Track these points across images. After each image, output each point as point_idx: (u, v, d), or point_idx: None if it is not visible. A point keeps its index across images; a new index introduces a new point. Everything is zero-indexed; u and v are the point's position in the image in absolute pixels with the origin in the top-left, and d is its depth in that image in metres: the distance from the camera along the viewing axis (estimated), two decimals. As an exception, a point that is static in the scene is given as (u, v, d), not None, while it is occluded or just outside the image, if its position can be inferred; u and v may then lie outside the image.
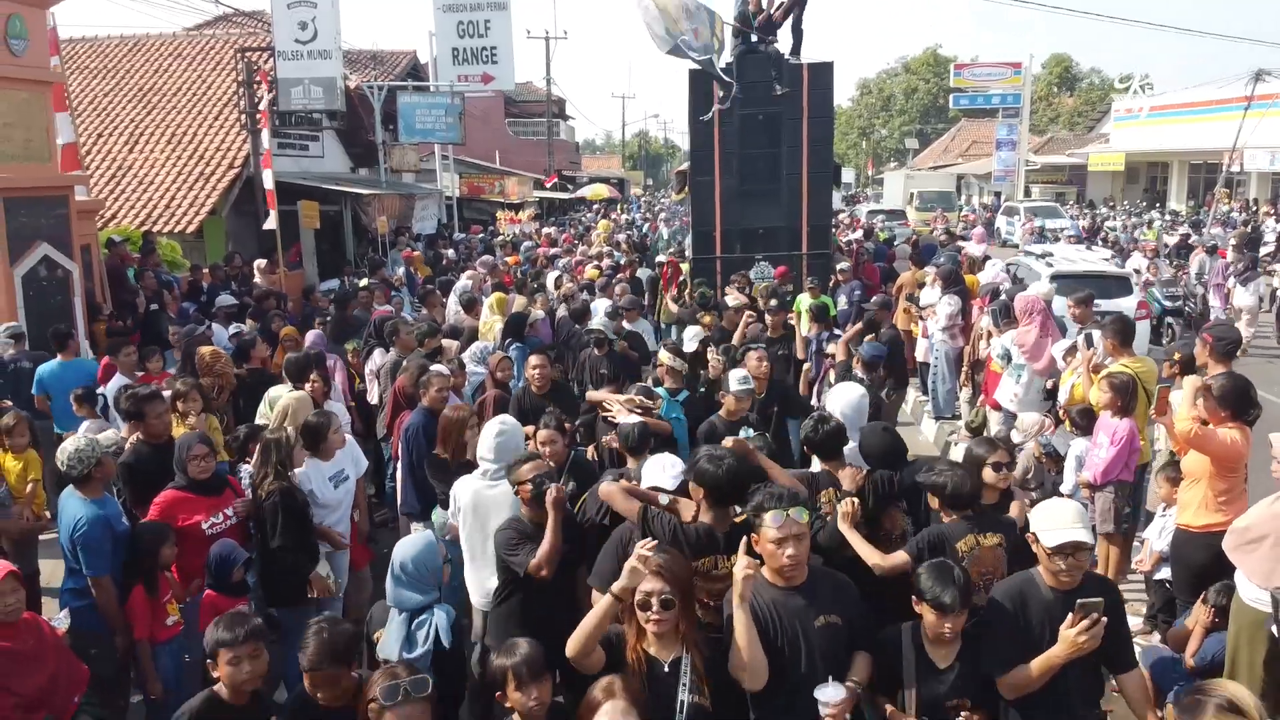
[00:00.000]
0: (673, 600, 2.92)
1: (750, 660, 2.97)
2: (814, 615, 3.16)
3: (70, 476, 4.48)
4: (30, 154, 9.64)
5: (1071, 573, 3.18)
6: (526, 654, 2.91)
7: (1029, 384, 7.13)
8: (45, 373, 7.66)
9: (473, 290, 10.90)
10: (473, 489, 4.51)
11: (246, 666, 3.10)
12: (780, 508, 3.11)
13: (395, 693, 2.73)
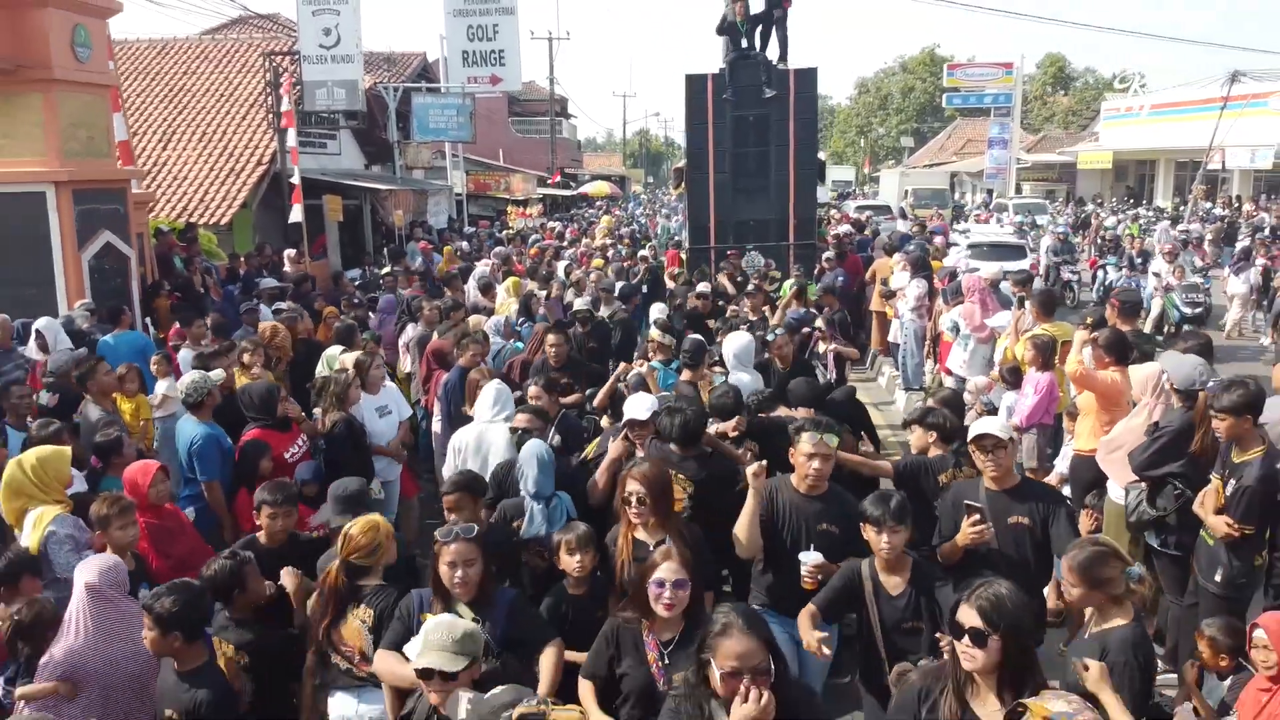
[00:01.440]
0: (645, 499, 3.86)
1: (748, 534, 3.90)
2: (819, 521, 3.96)
3: (188, 404, 5.61)
4: (93, 151, 10.75)
5: (996, 467, 3.99)
6: (579, 531, 3.96)
7: (974, 351, 8.25)
8: (102, 344, 8.76)
9: (489, 276, 12.02)
10: (476, 431, 5.48)
11: (280, 521, 4.23)
12: (816, 431, 4.02)
13: (449, 534, 3.70)
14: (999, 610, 2.62)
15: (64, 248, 10.20)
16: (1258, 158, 33.03)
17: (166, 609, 3.28)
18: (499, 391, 5.62)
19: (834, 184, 65.26)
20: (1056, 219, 30.56)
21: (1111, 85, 65.73)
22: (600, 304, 10.12)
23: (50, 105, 10.14)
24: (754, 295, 9.71)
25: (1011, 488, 4.04)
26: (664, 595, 3.16)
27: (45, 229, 10.13)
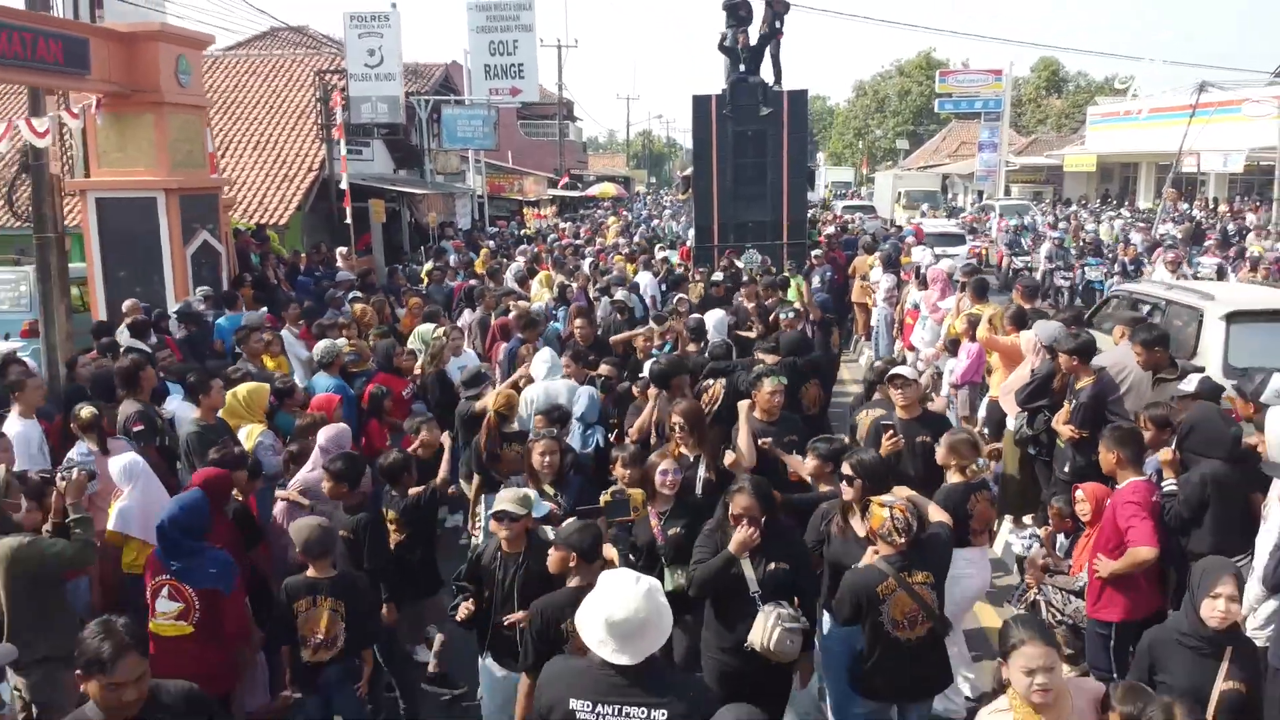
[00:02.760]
0: (685, 426, 5.56)
1: (747, 447, 5.62)
2: (781, 437, 5.65)
3: (322, 363, 7.54)
4: (192, 162, 12.69)
5: (905, 399, 5.75)
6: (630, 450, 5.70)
7: (931, 329, 10.19)
8: (219, 324, 10.67)
9: (523, 270, 13.98)
10: (541, 386, 7.30)
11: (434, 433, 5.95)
12: (774, 376, 5.85)
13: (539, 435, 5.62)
14: (863, 466, 4.51)
15: (171, 245, 12.12)
16: (1230, 162, 34.83)
17: (338, 469, 5.16)
18: (551, 357, 7.55)
19: (833, 184, 67.26)
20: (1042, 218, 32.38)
21: (1104, 89, 67.76)
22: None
23: (160, 123, 12.05)
24: (749, 286, 11.61)
25: (916, 417, 5.86)
26: (666, 479, 5.02)
27: (156, 229, 12.05)
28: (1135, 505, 4.64)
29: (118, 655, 2.83)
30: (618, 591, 3.02)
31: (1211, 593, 3.53)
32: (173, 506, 4.22)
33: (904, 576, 4.00)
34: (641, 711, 2.96)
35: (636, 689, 2.98)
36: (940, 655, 4.24)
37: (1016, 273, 18.94)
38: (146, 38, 11.94)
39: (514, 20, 23.54)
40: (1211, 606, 3.52)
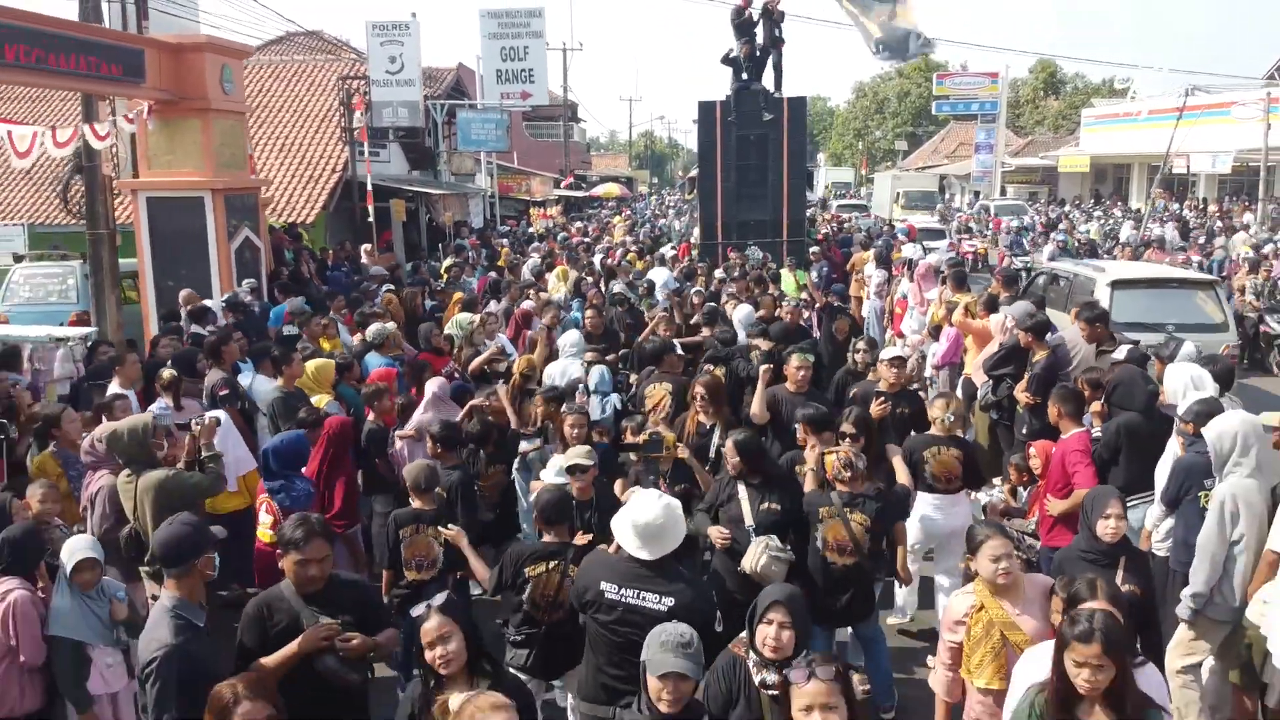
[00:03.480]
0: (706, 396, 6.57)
1: (759, 408, 6.58)
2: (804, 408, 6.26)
3: (374, 345, 8.52)
4: (235, 164, 13.66)
5: (895, 376, 6.70)
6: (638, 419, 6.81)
7: (918, 319, 11.16)
8: (273, 313, 11.65)
9: (540, 266, 14.97)
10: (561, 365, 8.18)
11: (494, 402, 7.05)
12: (802, 352, 6.87)
13: (569, 410, 6.62)
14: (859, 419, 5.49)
15: (217, 241, 13.08)
16: (1218, 163, 35.82)
17: (436, 433, 6.13)
18: (578, 339, 8.53)
19: (834, 185, 68.15)
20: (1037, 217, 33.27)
21: (1100, 90, 68.73)
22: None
23: (206, 128, 13.01)
24: (739, 280, 12.59)
25: (899, 390, 6.85)
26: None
27: (203, 226, 13.01)
28: (1079, 453, 5.61)
29: (308, 538, 3.67)
30: (644, 504, 3.98)
31: (1103, 514, 4.31)
32: (276, 442, 5.22)
33: (845, 511, 4.92)
34: (654, 597, 3.85)
35: (653, 579, 3.88)
36: (865, 590, 5.09)
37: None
38: (194, 49, 12.91)
39: (525, 27, 24.53)
40: (1104, 525, 4.29)
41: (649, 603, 3.83)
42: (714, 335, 8.75)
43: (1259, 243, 22.52)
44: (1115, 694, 2.92)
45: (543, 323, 9.75)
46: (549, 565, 4.43)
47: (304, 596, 3.70)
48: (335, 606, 3.71)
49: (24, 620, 4.08)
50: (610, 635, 3.93)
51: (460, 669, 3.24)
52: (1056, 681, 3.00)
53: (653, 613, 3.78)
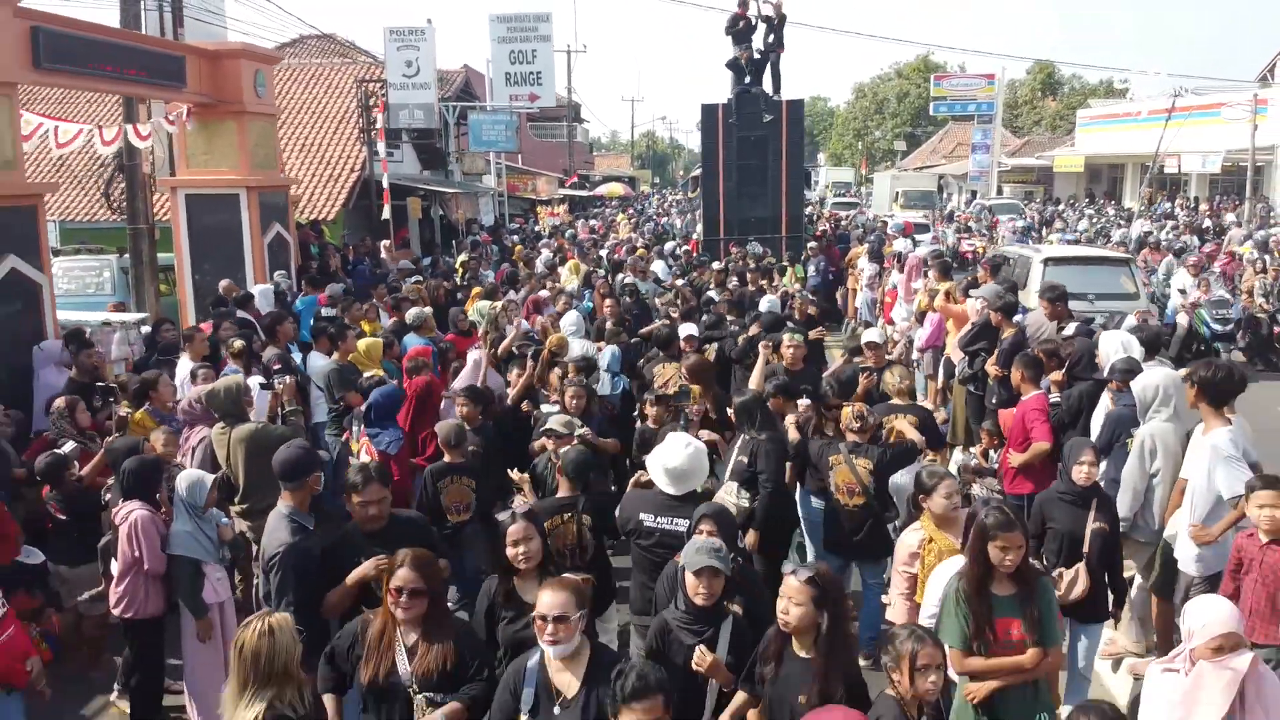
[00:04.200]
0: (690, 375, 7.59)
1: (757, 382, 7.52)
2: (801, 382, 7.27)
3: (413, 326, 9.41)
4: (267, 163, 14.55)
5: (875, 358, 7.80)
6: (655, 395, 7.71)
7: (907, 307, 12.05)
8: (299, 303, 12.53)
9: (552, 259, 15.87)
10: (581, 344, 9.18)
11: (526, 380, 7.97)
12: (793, 332, 7.79)
13: (571, 383, 7.51)
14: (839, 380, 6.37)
15: (251, 235, 13.96)
16: (1208, 163, 36.69)
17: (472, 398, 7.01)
18: (577, 319, 9.43)
19: (834, 185, 68.94)
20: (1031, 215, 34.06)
21: (1097, 91, 69.57)
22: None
23: (241, 130, 13.89)
24: (754, 272, 13.49)
25: (881, 366, 7.73)
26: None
27: (239, 222, 13.87)
28: (1037, 411, 6.48)
29: (365, 482, 4.39)
30: (673, 447, 4.84)
31: (1078, 460, 5.06)
32: (376, 395, 6.13)
33: (851, 457, 5.79)
34: (684, 522, 4.73)
35: (682, 508, 4.74)
36: (877, 529, 5.84)
37: None
38: (231, 55, 13.79)
39: (533, 31, 25.33)
40: (1078, 471, 5.02)
41: (680, 527, 4.62)
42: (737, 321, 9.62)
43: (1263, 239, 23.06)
44: (1020, 570, 3.79)
45: (556, 309, 10.63)
46: (563, 517, 4.90)
47: (366, 534, 4.35)
48: (394, 542, 4.20)
49: (145, 534, 4.96)
50: (650, 556, 4.76)
51: (535, 567, 4.07)
52: (974, 566, 3.82)
53: (683, 535, 4.47)
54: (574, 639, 3.42)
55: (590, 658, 3.48)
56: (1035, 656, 3.77)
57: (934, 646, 3.32)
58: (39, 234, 9.78)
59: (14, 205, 9.41)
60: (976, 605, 3.79)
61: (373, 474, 4.43)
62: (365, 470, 4.48)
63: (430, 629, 3.65)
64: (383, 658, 3.61)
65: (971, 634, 3.77)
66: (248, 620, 3.15)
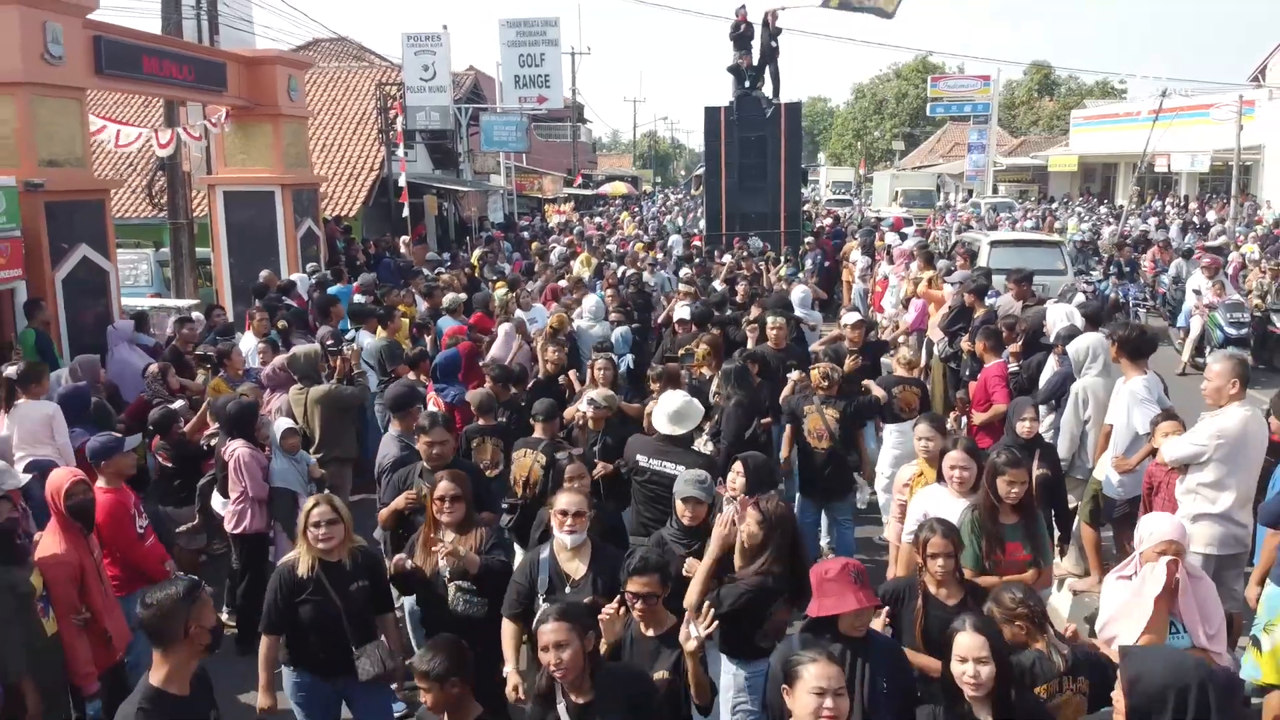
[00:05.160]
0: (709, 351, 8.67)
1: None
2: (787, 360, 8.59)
3: (449, 310, 10.41)
4: (300, 162, 15.58)
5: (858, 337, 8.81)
6: (662, 373, 8.72)
7: (896, 292, 13.07)
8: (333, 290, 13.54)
9: (566, 253, 16.89)
10: (599, 326, 10.23)
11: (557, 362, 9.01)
12: (776, 315, 8.75)
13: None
14: (832, 353, 7.38)
15: (285, 230, 14.97)
16: (1197, 162, 37.70)
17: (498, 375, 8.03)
18: (597, 304, 10.41)
19: (834, 185, 69.86)
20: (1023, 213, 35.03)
21: (1093, 92, 70.58)
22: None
23: (276, 131, 14.91)
24: (756, 261, 14.50)
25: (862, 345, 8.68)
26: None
27: (274, 217, 14.89)
28: (997, 378, 7.50)
29: (433, 425, 5.36)
30: (672, 397, 5.81)
31: (1020, 417, 6.06)
32: (441, 358, 7.19)
33: (822, 407, 6.75)
34: (672, 465, 5.50)
35: (676, 452, 5.60)
36: (842, 469, 6.79)
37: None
38: (267, 62, 14.81)
39: (541, 36, 26.34)
40: (1021, 426, 5.99)
41: (668, 469, 5.43)
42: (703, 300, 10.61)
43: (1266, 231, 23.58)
44: (1023, 502, 4.54)
45: (574, 296, 11.63)
46: (526, 452, 5.87)
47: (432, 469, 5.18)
48: None
49: (248, 466, 5.96)
50: (644, 490, 5.68)
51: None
52: (987, 498, 4.56)
53: (670, 476, 5.29)
54: (583, 533, 4.24)
55: (593, 550, 4.30)
56: (1035, 575, 4.44)
57: (943, 537, 3.93)
58: (105, 225, 10.81)
59: (85, 199, 10.45)
60: (990, 529, 4.45)
61: (439, 420, 5.40)
62: (433, 416, 5.47)
63: (465, 530, 4.50)
64: (427, 556, 4.48)
65: (984, 555, 4.43)
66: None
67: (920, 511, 4.93)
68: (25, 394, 5.88)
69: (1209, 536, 4.91)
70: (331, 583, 4.25)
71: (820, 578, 3.50)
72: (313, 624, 4.23)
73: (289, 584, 4.27)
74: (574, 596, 4.04)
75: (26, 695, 4.14)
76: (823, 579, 3.48)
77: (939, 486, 4.88)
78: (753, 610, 4.08)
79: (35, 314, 9.15)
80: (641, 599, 3.64)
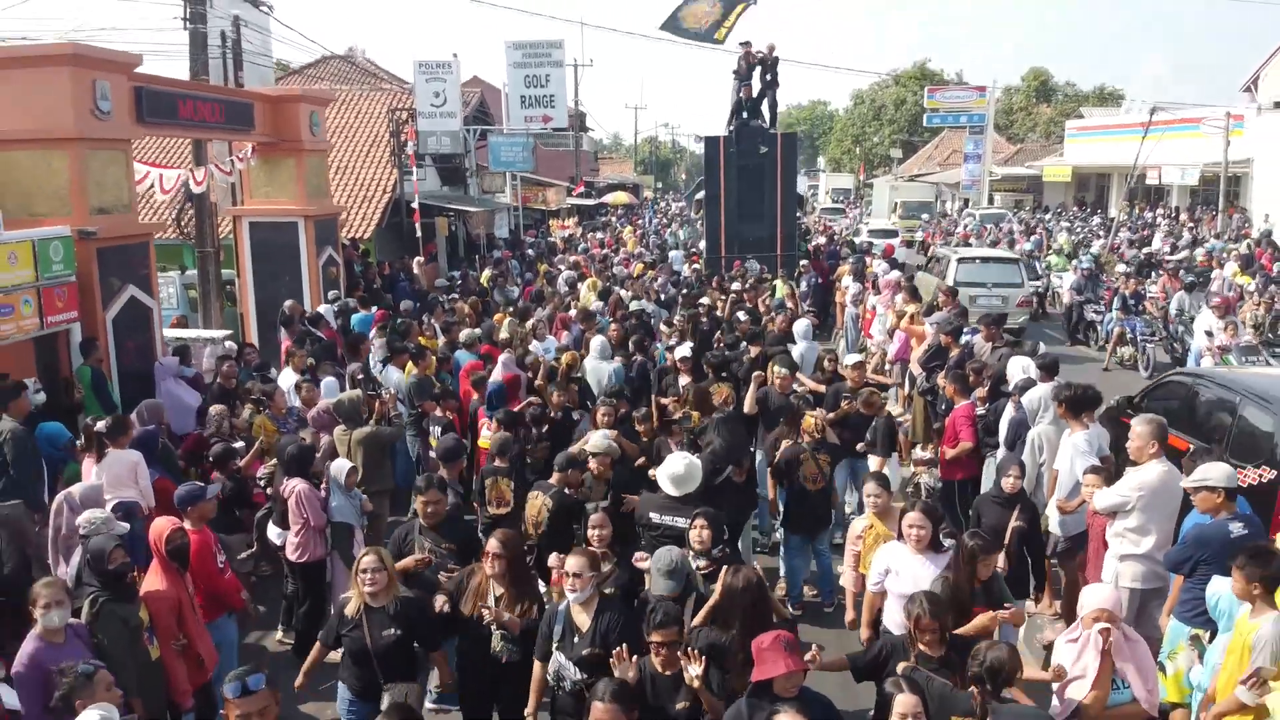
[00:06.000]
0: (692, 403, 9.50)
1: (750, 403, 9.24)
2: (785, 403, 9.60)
3: (465, 345, 11.25)
4: (321, 193, 16.43)
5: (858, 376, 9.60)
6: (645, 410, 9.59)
7: (883, 321, 13.91)
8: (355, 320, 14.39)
9: (573, 277, 17.76)
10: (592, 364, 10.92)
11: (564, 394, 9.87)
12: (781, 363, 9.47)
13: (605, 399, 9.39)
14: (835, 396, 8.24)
15: (308, 258, 15.82)
16: (1186, 175, 38.53)
17: (499, 418, 8.90)
18: (603, 345, 11.19)
19: (833, 192, 70.64)
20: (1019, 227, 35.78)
21: (1090, 98, 71.36)
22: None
23: (299, 165, 15.75)
24: (749, 292, 15.34)
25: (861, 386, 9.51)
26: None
27: (297, 246, 15.73)
28: (964, 419, 8.35)
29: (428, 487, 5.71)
30: (674, 462, 6.48)
31: (1006, 474, 6.68)
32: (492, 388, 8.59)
33: (815, 453, 7.57)
34: (682, 520, 6.07)
35: (680, 509, 6.17)
36: (827, 505, 7.65)
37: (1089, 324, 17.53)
38: (290, 100, 15.66)
39: (547, 57, 27.07)
40: (1006, 481, 6.59)
41: (679, 523, 5.88)
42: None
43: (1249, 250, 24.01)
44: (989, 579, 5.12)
45: (580, 327, 12.46)
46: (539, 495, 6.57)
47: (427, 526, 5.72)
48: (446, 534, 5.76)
49: (308, 501, 6.80)
50: (658, 543, 6.02)
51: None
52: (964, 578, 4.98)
53: (680, 529, 5.79)
54: (588, 590, 4.84)
55: (599, 603, 4.88)
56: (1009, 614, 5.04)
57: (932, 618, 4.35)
58: (149, 266, 11.64)
59: (131, 243, 11.29)
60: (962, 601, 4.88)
61: (433, 482, 5.87)
62: (428, 478, 5.94)
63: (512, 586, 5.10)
64: (476, 601, 5.17)
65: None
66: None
67: (882, 567, 5.47)
68: (113, 445, 6.72)
69: (1134, 574, 5.75)
70: (369, 625, 4.95)
71: (758, 647, 4.02)
72: (352, 655, 5.03)
73: (338, 616, 5.11)
74: (580, 646, 4.78)
75: (136, 712, 4.98)
76: (760, 648, 4.00)
77: (899, 544, 5.50)
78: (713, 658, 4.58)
79: (91, 352, 9.98)
80: (665, 647, 4.43)
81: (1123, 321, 15.62)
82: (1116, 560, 5.76)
